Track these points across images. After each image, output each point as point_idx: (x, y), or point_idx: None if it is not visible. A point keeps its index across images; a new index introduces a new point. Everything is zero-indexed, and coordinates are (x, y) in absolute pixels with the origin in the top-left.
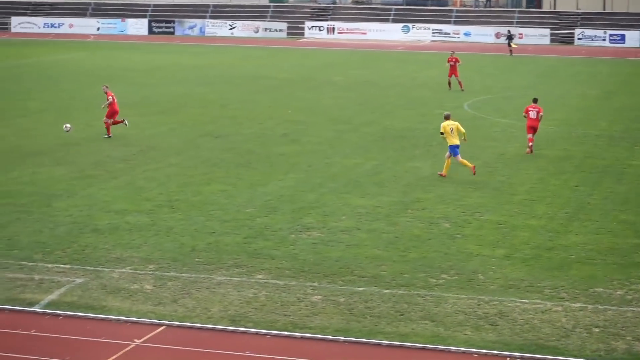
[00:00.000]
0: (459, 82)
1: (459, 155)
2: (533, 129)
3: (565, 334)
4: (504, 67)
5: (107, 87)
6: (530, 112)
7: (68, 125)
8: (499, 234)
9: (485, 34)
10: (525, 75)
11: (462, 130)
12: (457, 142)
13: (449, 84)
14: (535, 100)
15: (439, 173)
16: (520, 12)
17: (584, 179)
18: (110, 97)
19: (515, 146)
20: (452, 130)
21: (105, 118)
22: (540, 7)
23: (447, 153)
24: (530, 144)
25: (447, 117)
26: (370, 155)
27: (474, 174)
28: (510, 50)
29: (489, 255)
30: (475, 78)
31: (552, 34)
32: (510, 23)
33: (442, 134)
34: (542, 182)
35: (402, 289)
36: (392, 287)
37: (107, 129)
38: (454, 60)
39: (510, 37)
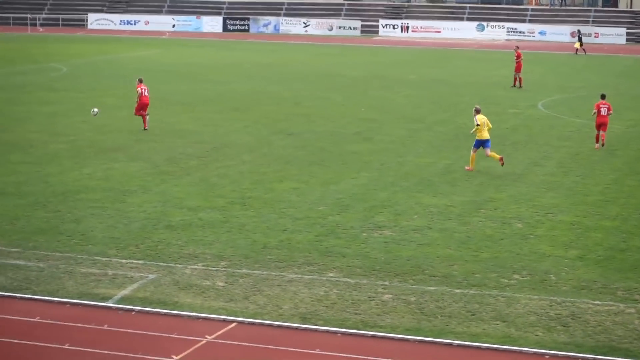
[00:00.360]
0: (517, 79)
1: (488, 150)
2: (603, 126)
3: (638, 337)
4: (579, 66)
5: (139, 80)
6: (601, 109)
7: (95, 109)
8: (572, 235)
9: (560, 33)
10: (600, 75)
11: (490, 125)
12: (488, 136)
13: (520, 81)
14: (603, 97)
15: (467, 168)
16: (596, 10)
17: None
18: (139, 89)
19: (589, 146)
20: (484, 123)
21: (135, 112)
22: (616, 6)
23: (484, 150)
24: (599, 140)
25: (478, 111)
26: (443, 154)
27: (468, 170)
28: (577, 50)
29: (561, 256)
30: (549, 77)
31: (628, 33)
32: (586, 22)
33: (478, 125)
34: (617, 183)
35: (474, 289)
36: (464, 287)
37: (144, 121)
38: (517, 55)
39: (580, 37)
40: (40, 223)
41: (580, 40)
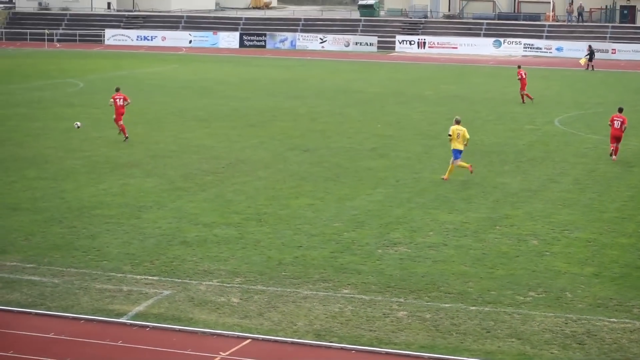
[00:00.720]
0: (523, 95)
1: (458, 160)
2: (617, 139)
3: None
4: (596, 82)
5: (116, 89)
6: (615, 122)
7: (78, 123)
8: (588, 252)
9: (577, 49)
10: (617, 91)
11: (467, 136)
12: (460, 147)
13: (529, 97)
14: (620, 110)
15: (442, 177)
16: (613, 27)
17: None
18: (112, 100)
19: (606, 163)
20: (458, 135)
21: (115, 122)
22: (634, 22)
23: (452, 158)
24: (612, 151)
25: (457, 122)
26: (458, 170)
27: (471, 172)
28: (593, 66)
29: (577, 273)
30: (566, 93)
31: None
32: (603, 38)
33: (449, 135)
34: (633, 200)
35: (489, 306)
36: (479, 304)
37: (123, 131)
38: (519, 73)
39: (589, 53)
40: (55, 239)
41: (590, 56)
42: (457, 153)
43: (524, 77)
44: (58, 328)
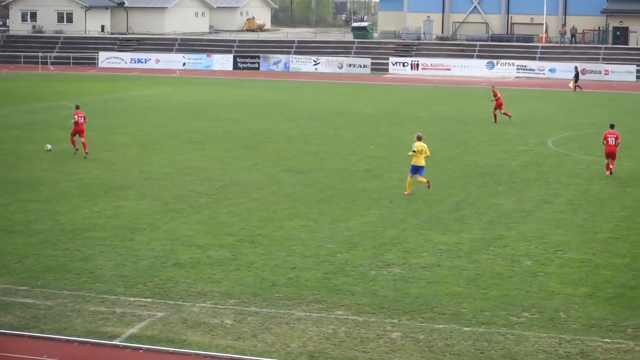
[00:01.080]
0: (496, 115)
1: (419, 175)
2: (612, 155)
3: None
4: (589, 103)
5: (76, 107)
6: (609, 139)
7: (49, 145)
8: (581, 272)
9: (570, 70)
10: (610, 112)
11: (428, 153)
12: (422, 163)
13: (495, 118)
14: (612, 126)
15: (405, 193)
16: (606, 48)
17: None
18: (75, 117)
19: (599, 183)
20: (422, 151)
21: (70, 135)
22: (626, 43)
23: (417, 175)
24: (609, 168)
25: (419, 138)
26: (452, 191)
27: (429, 187)
28: (576, 87)
29: (571, 294)
30: (559, 114)
31: (638, 71)
32: (596, 59)
33: (413, 151)
34: (627, 220)
35: (483, 327)
36: (473, 324)
37: (73, 145)
38: (494, 93)
39: (576, 75)
40: (49, 261)
41: (575, 77)
42: (421, 169)
43: (499, 96)
44: (51, 350)
